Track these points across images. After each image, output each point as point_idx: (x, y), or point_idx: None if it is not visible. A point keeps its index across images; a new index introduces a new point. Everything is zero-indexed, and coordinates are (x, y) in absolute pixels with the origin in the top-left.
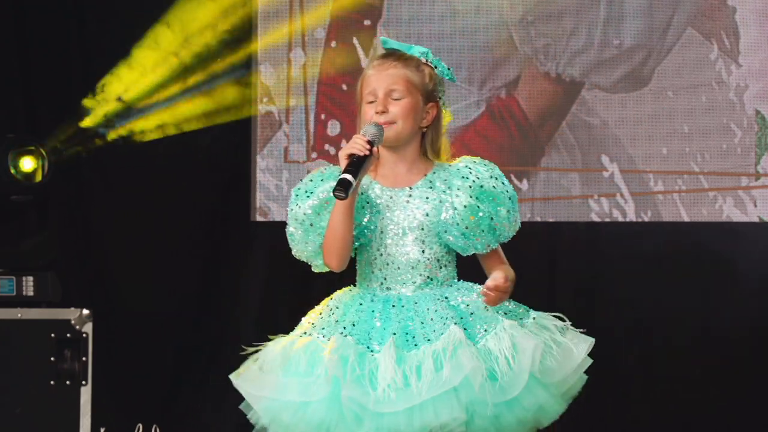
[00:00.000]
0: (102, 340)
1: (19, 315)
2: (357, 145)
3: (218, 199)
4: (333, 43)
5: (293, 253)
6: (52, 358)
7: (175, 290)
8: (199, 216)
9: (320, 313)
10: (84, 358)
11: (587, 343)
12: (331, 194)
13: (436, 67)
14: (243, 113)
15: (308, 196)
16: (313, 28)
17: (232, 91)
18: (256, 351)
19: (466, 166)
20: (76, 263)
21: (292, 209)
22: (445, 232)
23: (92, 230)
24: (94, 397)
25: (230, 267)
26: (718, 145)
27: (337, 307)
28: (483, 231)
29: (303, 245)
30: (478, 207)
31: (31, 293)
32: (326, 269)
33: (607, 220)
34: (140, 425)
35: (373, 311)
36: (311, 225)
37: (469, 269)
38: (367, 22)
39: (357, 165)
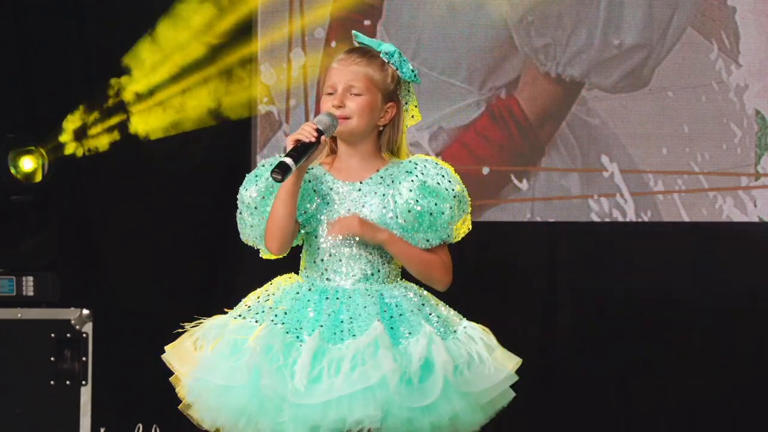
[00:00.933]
0: (102, 340)
1: (19, 315)
2: (305, 131)
3: (218, 199)
4: (333, 43)
5: (241, 237)
6: (52, 358)
7: (175, 290)
8: (199, 216)
9: (258, 297)
10: (84, 358)
11: (514, 361)
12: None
13: (398, 69)
14: (243, 113)
15: (255, 181)
16: (313, 28)
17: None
18: (195, 326)
19: (414, 163)
20: (75, 263)
21: (240, 193)
22: (386, 225)
23: (92, 230)
24: (94, 397)
25: (229, 267)
26: (718, 145)
27: (273, 294)
28: (422, 227)
29: (248, 229)
30: (417, 201)
31: (31, 293)
32: (272, 255)
33: (607, 220)
34: (140, 425)
35: (308, 301)
36: (256, 208)
37: None
38: (367, 22)
39: (300, 151)
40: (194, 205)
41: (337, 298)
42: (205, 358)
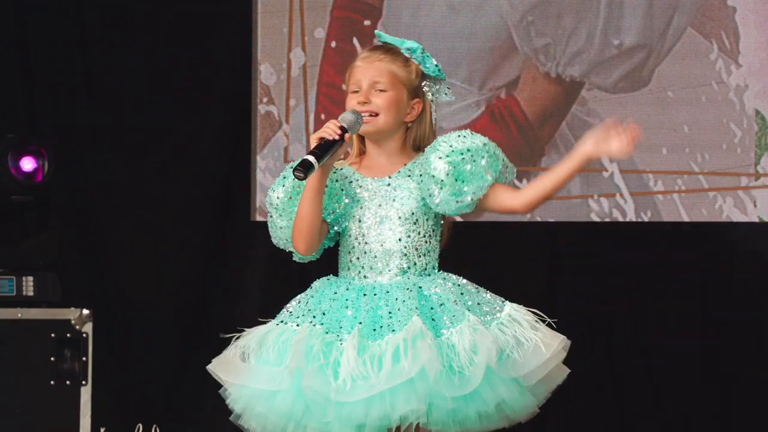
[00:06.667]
0: (102, 340)
1: (19, 315)
2: (328, 129)
3: (218, 199)
4: (333, 43)
5: (272, 240)
6: (52, 358)
7: (176, 290)
8: (200, 216)
9: (299, 301)
10: (84, 358)
11: (558, 340)
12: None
13: (421, 64)
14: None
15: (283, 182)
16: (313, 28)
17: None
18: (238, 337)
19: (437, 140)
20: (76, 263)
21: (268, 196)
22: (437, 205)
23: (92, 230)
24: (94, 397)
25: (230, 267)
26: (718, 145)
27: (312, 296)
28: (465, 182)
29: (277, 230)
30: (450, 161)
31: (31, 293)
32: (305, 258)
33: (607, 220)
34: (140, 425)
35: (346, 300)
36: (284, 209)
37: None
38: (367, 22)
39: (323, 148)
40: (194, 205)
41: (375, 294)
42: (249, 366)
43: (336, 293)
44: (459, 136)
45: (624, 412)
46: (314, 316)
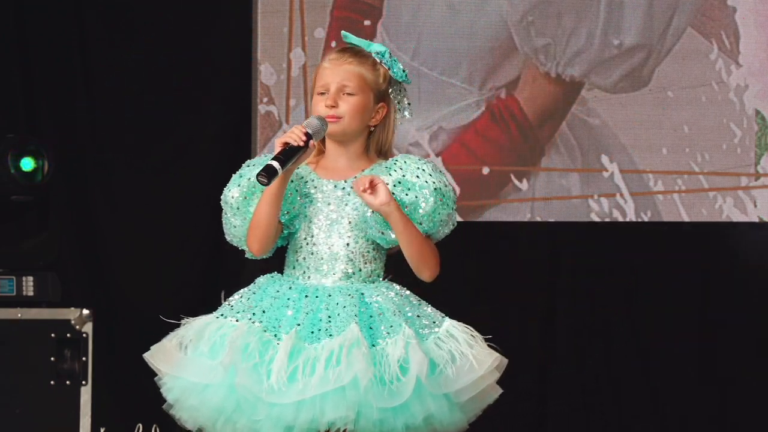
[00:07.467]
0: (102, 340)
1: (19, 315)
2: (293, 135)
3: (218, 199)
4: (333, 43)
5: (225, 237)
6: (52, 358)
7: (176, 290)
8: (200, 216)
9: (241, 296)
10: (84, 358)
11: (492, 357)
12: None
13: (390, 69)
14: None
15: (239, 182)
16: (313, 28)
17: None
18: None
19: (395, 160)
20: (76, 263)
21: (223, 193)
22: (366, 223)
23: (93, 230)
24: (94, 397)
25: (230, 267)
26: (718, 145)
27: (255, 293)
28: None
29: (231, 228)
30: (394, 195)
31: (31, 293)
32: (256, 257)
33: (607, 220)
34: (140, 425)
35: (288, 299)
36: (238, 209)
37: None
38: (367, 22)
39: (287, 154)
40: (194, 205)
41: (317, 297)
42: (185, 357)
43: (278, 291)
44: (418, 167)
45: (622, 412)
46: (254, 313)
